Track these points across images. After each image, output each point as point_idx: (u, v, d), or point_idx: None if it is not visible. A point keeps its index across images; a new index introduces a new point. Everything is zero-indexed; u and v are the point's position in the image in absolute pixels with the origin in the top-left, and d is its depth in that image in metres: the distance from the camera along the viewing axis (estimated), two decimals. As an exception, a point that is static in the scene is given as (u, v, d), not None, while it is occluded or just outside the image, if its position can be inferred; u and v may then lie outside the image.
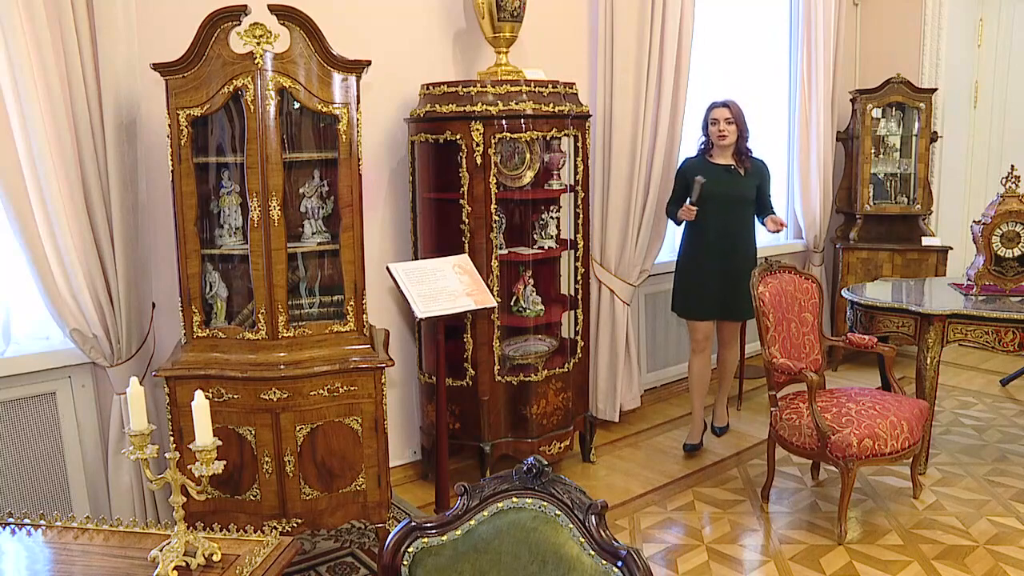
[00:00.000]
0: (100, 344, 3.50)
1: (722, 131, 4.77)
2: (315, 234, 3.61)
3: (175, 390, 3.31)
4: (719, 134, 4.78)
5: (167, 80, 3.23)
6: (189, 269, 3.36)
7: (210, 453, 2.03)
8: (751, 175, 4.87)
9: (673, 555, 3.83)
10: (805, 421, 3.94)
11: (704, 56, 5.88)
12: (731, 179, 4.83)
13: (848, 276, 6.49)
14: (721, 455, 4.97)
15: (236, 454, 3.33)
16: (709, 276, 4.86)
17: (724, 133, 4.76)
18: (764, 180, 4.93)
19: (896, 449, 3.87)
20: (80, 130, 3.32)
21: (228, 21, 3.16)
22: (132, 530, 2.25)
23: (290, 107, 3.42)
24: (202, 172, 3.44)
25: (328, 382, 3.38)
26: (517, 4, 4.27)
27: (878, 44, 7.08)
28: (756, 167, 4.91)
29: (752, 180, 4.86)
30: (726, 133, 4.76)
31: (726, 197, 4.79)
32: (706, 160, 4.90)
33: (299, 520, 3.44)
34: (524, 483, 1.83)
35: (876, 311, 4.61)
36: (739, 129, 4.78)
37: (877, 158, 6.58)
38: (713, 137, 4.83)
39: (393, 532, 1.90)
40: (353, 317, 3.48)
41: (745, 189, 4.84)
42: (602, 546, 1.73)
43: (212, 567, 2.04)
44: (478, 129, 4.05)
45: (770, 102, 6.76)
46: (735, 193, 4.82)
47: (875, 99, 6.45)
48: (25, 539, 2.22)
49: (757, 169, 4.91)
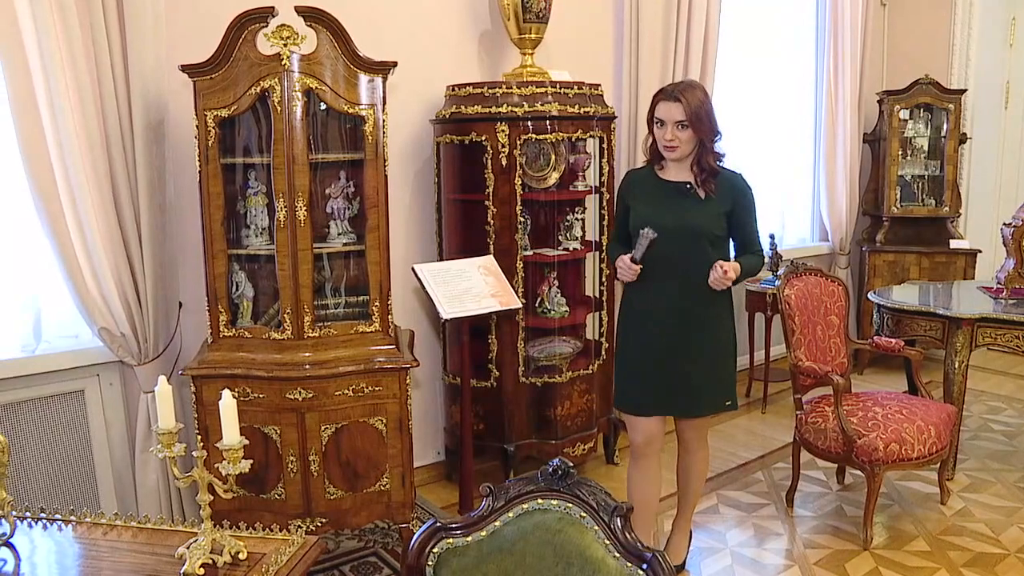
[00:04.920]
0: (128, 343, 3.54)
1: (670, 140, 3.21)
2: (341, 234, 3.63)
3: (201, 389, 3.33)
4: (666, 144, 3.24)
5: (195, 81, 3.25)
6: (216, 269, 3.39)
7: (237, 452, 2.04)
8: (718, 199, 3.27)
9: (697, 559, 3.81)
10: (831, 425, 3.91)
11: (730, 57, 5.85)
12: (684, 206, 3.26)
13: (874, 279, 6.44)
14: (745, 458, 4.94)
15: (261, 453, 3.35)
16: (652, 357, 3.37)
17: (672, 143, 3.21)
18: (739, 205, 3.30)
19: (923, 454, 3.83)
20: (110, 131, 3.36)
21: (256, 23, 3.18)
22: (160, 527, 2.27)
23: (316, 108, 3.44)
24: (229, 173, 3.47)
25: (353, 382, 3.39)
26: (543, 5, 4.27)
27: (906, 45, 7.01)
28: (726, 186, 3.29)
29: (718, 207, 3.27)
30: (675, 143, 3.20)
31: (677, 234, 3.22)
32: (654, 174, 3.39)
33: (323, 519, 3.46)
34: (549, 485, 1.83)
35: (903, 314, 4.57)
36: (699, 134, 3.21)
37: (904, 160, 6.52)
38: (658, 143, 3.29)
39: (418, 532, 1.90)
40: (378, 317, 3.49)
41: (705, 221, 3.24)
42: (627, 548, 1.72)
43: (238, 565, 2.06)
44: (503, 130, 4.05)
45: (796, 103, 6.72)
46: (690, 227, 3.23)
47: (903, 100, 6.40)
48: (56, 534, 2.25)
49: (727, 190, 3.29)
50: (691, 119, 3.17)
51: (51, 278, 3.48)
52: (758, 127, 6.36)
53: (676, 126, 3.19)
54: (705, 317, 3.32)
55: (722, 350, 3.42)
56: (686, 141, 3.20)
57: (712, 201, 3.26)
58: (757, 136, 6.35)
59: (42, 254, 3.43)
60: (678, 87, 3.24)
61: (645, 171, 3.43)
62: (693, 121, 3.17)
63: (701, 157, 3.25)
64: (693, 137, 3.20)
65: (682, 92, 3.19)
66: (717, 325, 3.38)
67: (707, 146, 3.24)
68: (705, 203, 3.26)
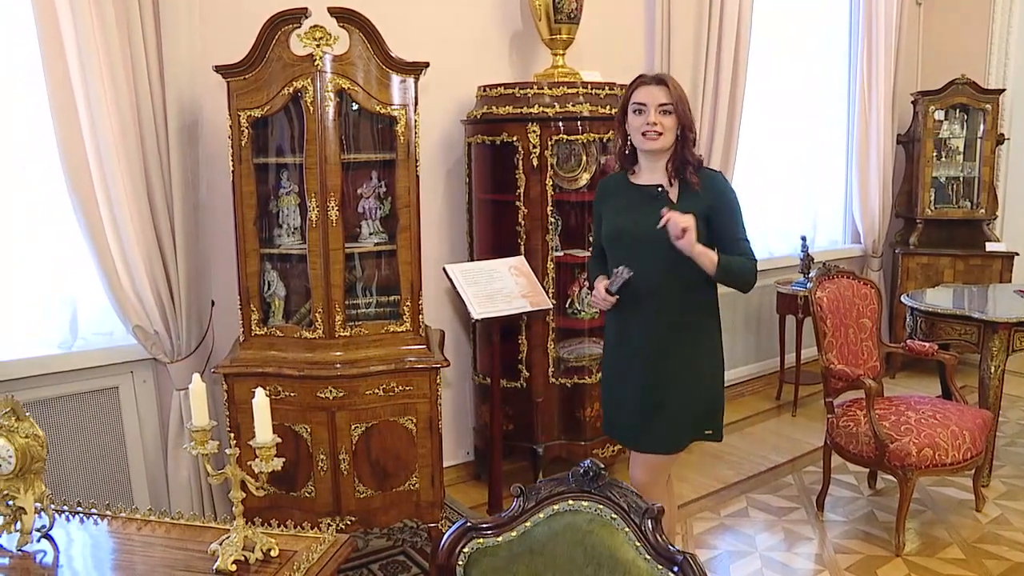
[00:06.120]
0: (161, 340, 3.58)
1: (652, 125, 2.85)
2: (372, 234, 3.64)
3: (233, 387, 3.36)
4: (647, 129, 2.86)
5: (229, 82, 3.28)
6: (248, 268, 3.41)
7: (270, 450, 2.05)
8: (692, 201, 2.86)
9: (726, 562, 3.79)
10: (862, 429, 3.87)
11: (762, 56, 5.81)
12: (653, 211, 2.82)
13: (907, 282, 6.36)
14: (775, 461, 4.91)
15: (292, 452, 3.36)
16: (625, 383, 3.08)
17: (656, 128, 2.84)
18: (719, 206, 2.90)
19: (957, 460, 3.78)
20: (145, 131, 3.40)
21: (289, 24, 3.20)
22: (192, 523, 2.29)
23: (349, 108, 3.45)
24: (262, 172, 3.50)
25: (384, 381, 3.40)
26: (574, 6, 4.27)
27: (942, 44, 6.92)
28: (704, 185, 2.90)
29: (693, 208, 2.81)
30: (659, 128, 2.84)
31: (647, 244, 2.85)
32: (627, 180, 3.04)
33: (352, 518, 3.47)
34: (580, 486, 1.82)
35: (937, 318, 4.51)
36: (683, 123, 2.87)
37: (939, 161, 6.44)
38: (635, 134, 2.91)
39: (449, 532, 1.90)
40: (409, 317, 3.50)
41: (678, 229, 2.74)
42: (658, 550, 1.71)
43: (270, 562, 2.07)
44: (535, 131, 4.05)
45: (829, 104, 6.66)
46: (660, 235, 2.76)
47: (938, 101, 6.31)
48: (92, 528, 2.28)
49: (705, 189, 2.89)
50: (676, 103, 2.85)
51: (87, 276, 3.53)
52: (790, 127, 6.31)
53: (659, 110, 2.85)
54: (681, 339, 2.98)
55: (701, 376, 3.04)
56: (669, 128, 2.86)
57: (686, 204, 2.85)
58: (789, 136, 6.31)
59: (79, 253, 3.47)
60: (659, 73, 2.98)
61: (618, 177, 3.11)
62: (677, 106, 2.85)
63: (682, 150, 2.90)
64: (675, 126, 2.87)
65: (665, 76, 2.92)
66: (696, 348, 3.02)
67: (688, 137, 2.89)
68: (678, 206, 2.84)
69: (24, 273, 3.47)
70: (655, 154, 2.92)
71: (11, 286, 3.45)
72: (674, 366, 2.98)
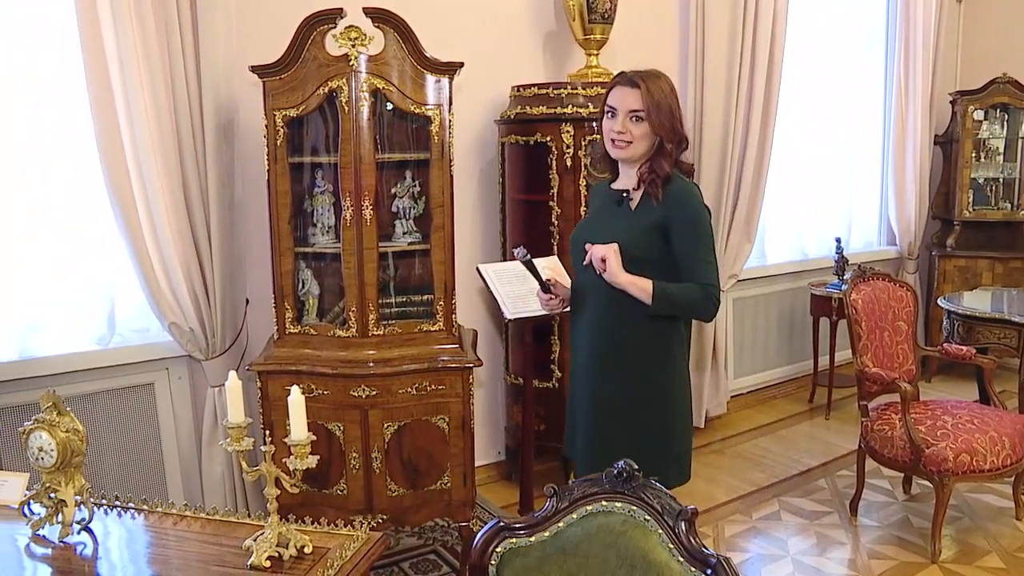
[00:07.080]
0: (196, 337, 3.61)
1: (619, 133, 2.57)
2: (406, 234, 3.65)
3: (267, 384, 3.39)
4: (615, 137, 2.59)
5: (264, 82, 3.31)
6: (283, 266, 3.44)
7: (305, 448, 2.06)
8: (649, 211, 2.58)
9: (757, 565, 3.76)
10: (898, 433, 3.82)
11: (797, 55, 5.76)
12: (609, 220, 2.67)
13: (944, 284, 6.28)
14: (808, 465, 4.86)
15: (325, 449, 3.38)
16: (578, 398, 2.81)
17: (622, 137, 2.57)
18: (675, 224, 2.55)
19: (996, 466, 3.72)
20: (182, 130, 3.44)
21: (324, 24, 3.22)
22: (227, 519, 2.30)
23: (383, 108, 3.47)
24: (296, 172, 3.52)
25: (416, 380, 3.41)
26: (608, 6, 4.26)
27: (982, 43, 6.82)
28: (666, 195, 2.55)
29: (647, 219, 2.58)
30: (626, 137, 2.57)
31: None
32: (608, 182, 2.80)
33: (384, 516, 3.49)
34: (614, 487, 1.82)
35: (975, 321, 4.45)
36: (657, 132, 2.55)
37: (978, 162, 6.34)
38: (605, 139, 2.65)
39: (481, 531, 1.90)
40: (442, 316, 3.51)
41: (626, 237, 2.56)
42: (691, 553, 1.71)
43: (303, 559, 2.08)
44: (568, 131, 4.05)
45: (865, 103, 6.58)
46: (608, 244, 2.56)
47: (977, 100, 6.22)
48: (129, 522, 2.31)
49: (664, 199, 2.55)
50: (649, 110, 2.52)
51: (124, 274, 3.57)
52: (825, 127, 6.25)
53: (629, 117, 2.55)
54: (623, 360, 2.64)
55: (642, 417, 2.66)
56: (640, 138, 2.56)
57: (641, 214, 2.60)
58: (824, 136, 6.24)
59: (116, 251, 3.52)
60: (639, 72, 2.59)
61: (607, 181, 2.84)
62: (651, 113, 2.53)
63: (654, 159, 2.58)
64: (649, 135, 2.56)
65: (643, 78, 2.56)
66: (639, 385, 2.66)
67: (665, 148, 2.57)
68: (634, 215, 2.61)
69: (63, 271, 3.52)
70: (627, 161, 2.65)
71: (51, 284, 3.50)
72: (611, 395, 2.69)
